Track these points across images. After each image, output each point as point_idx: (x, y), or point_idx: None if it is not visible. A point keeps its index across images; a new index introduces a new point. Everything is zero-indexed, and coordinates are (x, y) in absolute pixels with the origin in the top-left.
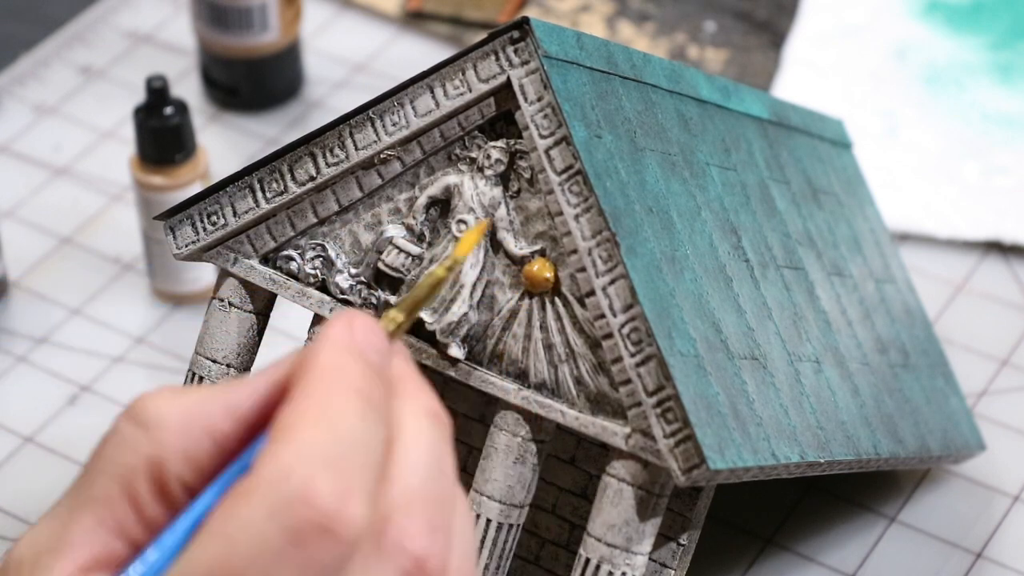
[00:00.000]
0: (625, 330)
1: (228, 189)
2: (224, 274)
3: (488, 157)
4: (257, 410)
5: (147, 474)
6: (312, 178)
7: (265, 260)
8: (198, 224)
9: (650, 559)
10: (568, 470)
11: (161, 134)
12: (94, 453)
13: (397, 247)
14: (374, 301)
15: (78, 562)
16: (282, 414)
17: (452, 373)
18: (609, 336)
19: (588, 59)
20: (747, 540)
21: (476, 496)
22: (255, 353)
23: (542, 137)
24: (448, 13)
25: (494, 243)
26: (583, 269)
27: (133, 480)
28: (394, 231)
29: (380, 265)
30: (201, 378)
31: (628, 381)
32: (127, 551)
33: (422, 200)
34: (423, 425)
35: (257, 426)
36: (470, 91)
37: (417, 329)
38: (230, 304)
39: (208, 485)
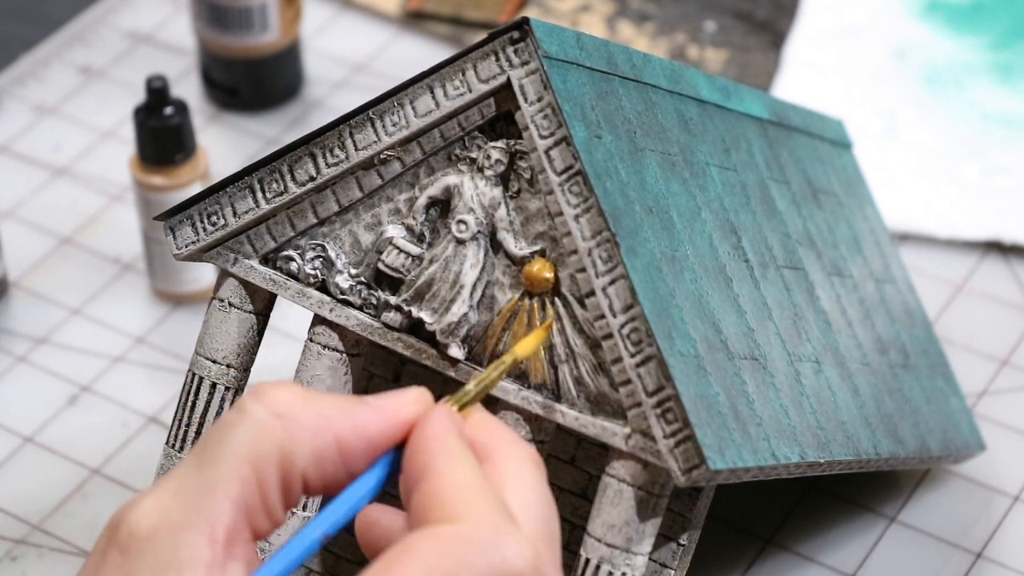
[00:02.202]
0: (625, 330)
1: (228, 189)
2: (224, 274)
3: (488, 157)
4: (381, 435)
5: (278, 463)
6: (312, 178)
7: (265, 260)
8: (198, 224)
9: (650, 559)
10: (568, 470)
11: (161, 134)
12: (216, 432)
13: (397, 247)
14: (374, 301)
15: (217, 539)
16: (435, 487)
17: (452, 373)
18: (609, 336)
19: (588, 59)
20: (747, 540)
21: None
22: (255, 353)
23: (542, 137)
24: (448, 13)
25: (494, 243)
26: (583, 269)
27: (265, 466)
28: (394, 231)
29: (380, 265)
30: (201, 378)
31: (628, 381)
32: (250, 532)
33: (422, 200)
34: (530, 469)
35: (379, 449)
36: (470, 91)
37: (417, 329)
38: (230, 304)
39: (331, 496)
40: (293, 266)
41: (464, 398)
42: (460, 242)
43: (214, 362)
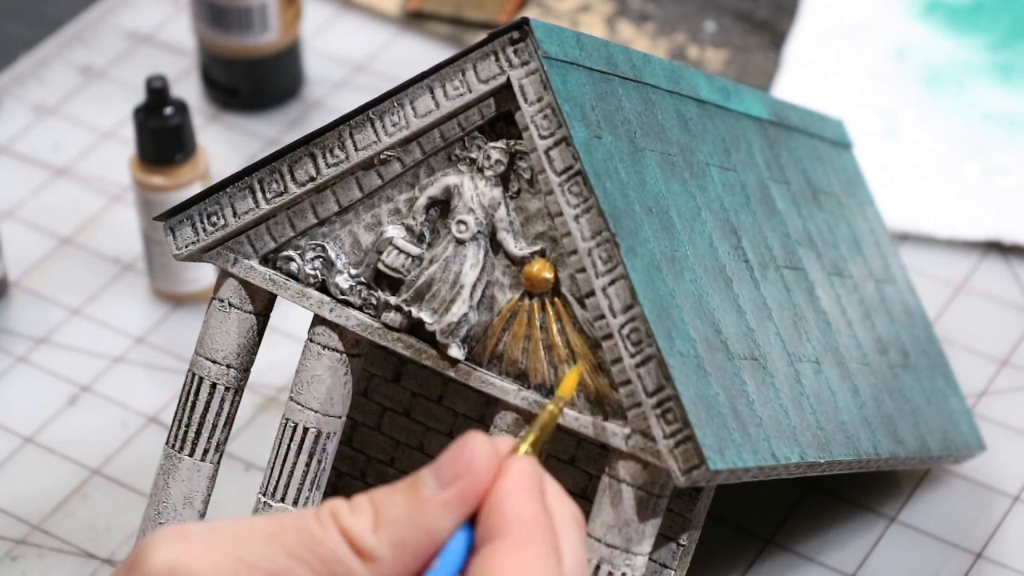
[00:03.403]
0: (625, 331)
1: (228, 189)
2: (224, 274)
3: (488, 158)
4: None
5: None
6: (312, 178)
7: (265, 261)
8: (198, 225)
9: (650, 559)
10: (568, 470)
11: (161, 134)
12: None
13: (397, 248)
14: (374, 302)
15: None
16: (501, 561)
17: (452, 374)
18: (609, 336)
19: (588, 59)
20: (747, 540)
21: None
22: (255, 354)
23: (542, 138)
24: (448, 13)
25: (494, 244)
26: (583, 270)
27: None
28: (394, 232)
29: (380, 266)
30: (201, 378)
31: (628, 382)
32: None
33: (422, 201)
34: (577, 535)
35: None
36: (470, 92)
37: (417, 330)
38: (230, 305)
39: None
40: (293, 266)
41: (528, 440)
42: (460, 242)
43: (214, 362)
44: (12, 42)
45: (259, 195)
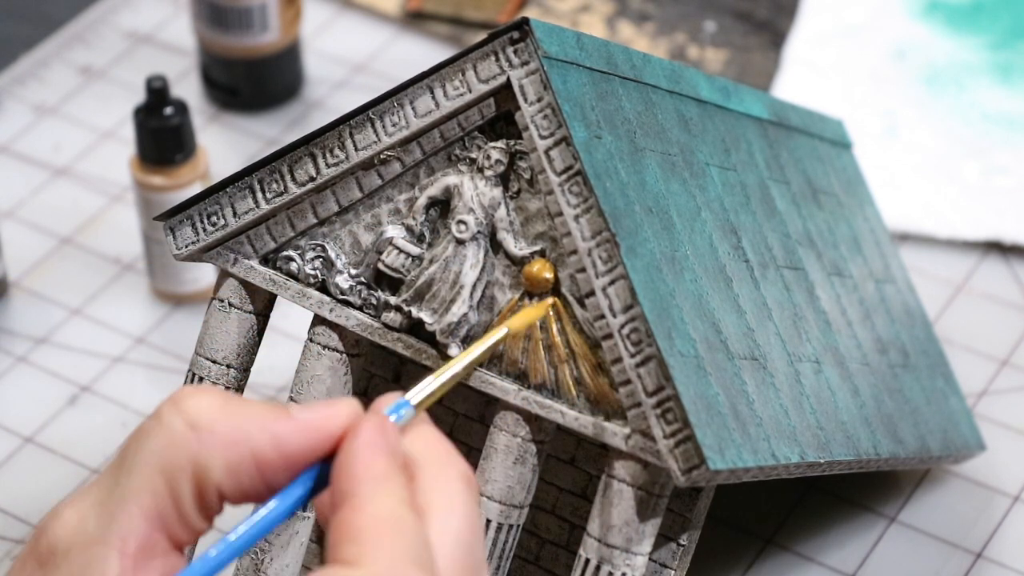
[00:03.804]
0: (625, 330)
1: (228, 189)
2: (224, 274)
3: (488, 158)
4: (302, 450)
5: (191, 474)
6: (312, 178)
7: (265, 260)
8: (198, 224)
9: (650, 559)
10: (568, 470)
11: (161, 134)
12: (134, 440)
13: (397, 248)
14: (374, 302)
15: (128, 552)
16: (350, 517)
17: None
18: (609, 336)
19: (588, 59)
20: (747, 540)
21: None
22: (255, 354)
23: (542, 138)
24: (448, 13)
25: (494, 244)
26: (583, 270)
27: (178, 477)
28: (394, 232)
29: (380, 266)
30: (201, 378)
31: (628, 382)
32: (168, 545)
33: (422, 201)
34: (458, 490)
35: (299, 464)
36: (470, 91)
37: (417, 330)
38: (230, 305)
39: (252, 510)
40: (293, 266)
41: (425, 391)
42: (460, 242)
43: (214, 362)
44: (12, 42)
45: (259, 195)
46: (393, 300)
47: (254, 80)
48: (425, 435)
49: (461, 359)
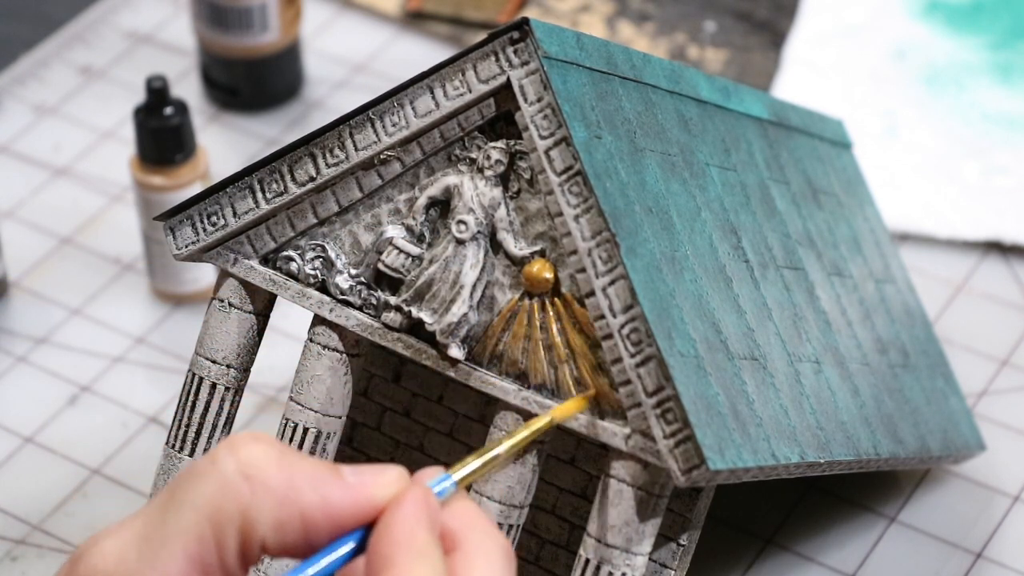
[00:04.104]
0: (625, 331)
1: (228, 189)
2: (224, 275)
3: (488, 158)
4: (349, 514)
5: (238, 525)
6: (312, 178)
7: (265, 261)
8: (198, 225)
9: (650, 559)
10: (568, 470)
11: (161, 134)
12: (185, 479)
13: (397, 248)
14: (374, 302)
15: None
16: None
17: (452, 374)
18: (609, 336)
19: (588, 59)
20: (747, 540)
21: (476, 497)
22: (255, 354)
23: (542, 138)
24: (448, 13)
25: (494, 244)
26: (583, 270)
27: (226, 526)
28: (394, 232)
29: (380, 266)
30: (201, 378)
31: (628, 381)
32: None
33: (422, 201)
34: (499, 564)
35: (344, 527)
36: (470, 92)
37: (417, 330)
38: (230, 305)
39: (291, 557)
40: (293, 266)
41: (478, 463)
42: (460, 242)
43: (214, 362)
44: (12, 42)
45: (259, 195)
46: (393, 300)
47: (254, 80)
48: (466, 508)
49: (505, 441)
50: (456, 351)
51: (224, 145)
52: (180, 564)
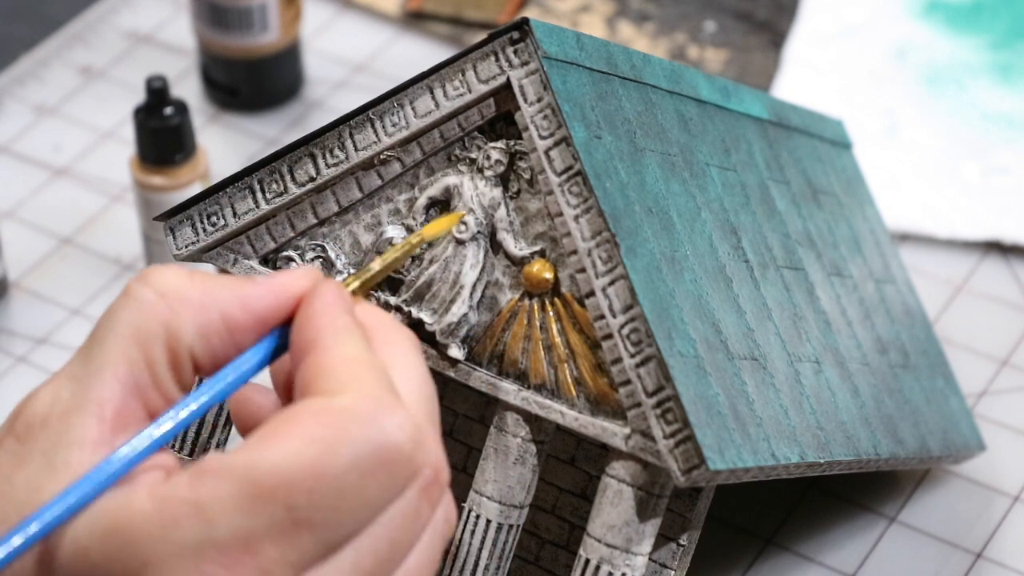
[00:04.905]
0: (625, 331)
1: (228, 190)
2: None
3: (488, 158)
4: (269, 310)
5: (163, 340)
6: (312, 179)
7: (265, 261)
8: (198, 225)
9: (650, 559)
10: (568, 470)
11: (161, 134)
12: (104, 318)
13: None
14: (374, 302)
15: (105, 418)
16: (321, 360)
17: (452, 374)
18: (609, 337)
19: (588, 60)
20: (747, 540)
21: (475, 496)
22: None
23: (542, 138)
24: (448, 13)
25: (494, 244)
26: (583, 270)
27: (150, 343)
28: (394, 232)
29: None
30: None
31: (628, 382)
32: (143, 413)
33: (422, 201)
34: (412, 348)
35: (268, 324)
36: (470, 92)
37: (417, 330)
38: None
39: (223, 367)
40: (293, 266)
41: (367, 275)
42: (460, 242)
43: None
44: (12, 42)
45: (259, 195)
46: (393, 300)
47: (254, 80)
48: (371, 307)
49: (379, 259)
50: (456, 351)
51: (224, 145)
52: (113, 389)
